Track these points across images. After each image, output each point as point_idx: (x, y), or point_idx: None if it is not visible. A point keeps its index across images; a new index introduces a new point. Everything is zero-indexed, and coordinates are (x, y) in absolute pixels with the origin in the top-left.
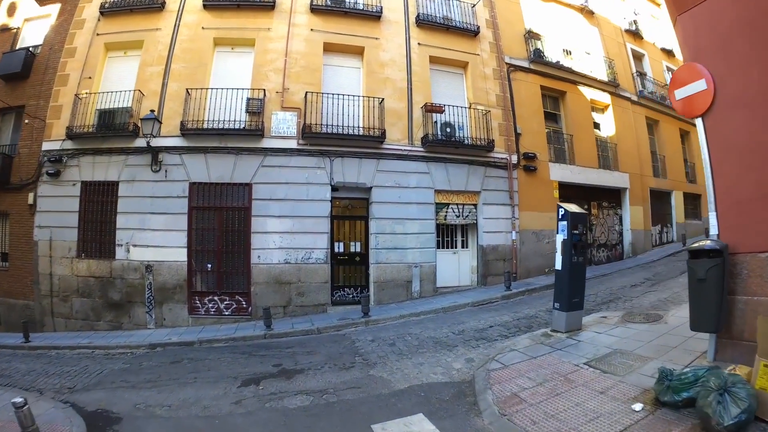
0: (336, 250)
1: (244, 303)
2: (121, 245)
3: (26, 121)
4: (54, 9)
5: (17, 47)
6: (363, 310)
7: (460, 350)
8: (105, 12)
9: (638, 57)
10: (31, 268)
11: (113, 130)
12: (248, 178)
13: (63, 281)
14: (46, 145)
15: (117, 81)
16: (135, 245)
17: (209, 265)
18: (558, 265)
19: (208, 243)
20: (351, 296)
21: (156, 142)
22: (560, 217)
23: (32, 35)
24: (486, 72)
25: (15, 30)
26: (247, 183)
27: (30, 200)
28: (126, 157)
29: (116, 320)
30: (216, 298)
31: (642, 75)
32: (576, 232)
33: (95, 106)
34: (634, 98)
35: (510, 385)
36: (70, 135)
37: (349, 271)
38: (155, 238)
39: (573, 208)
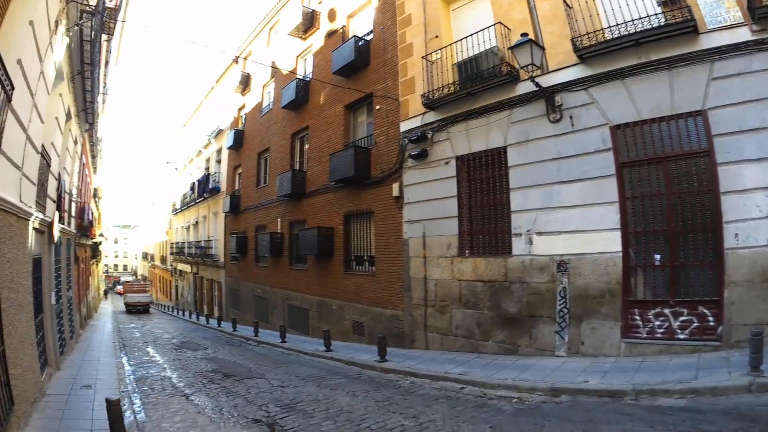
0: None
1: (709, 318)
2: (520, 234)
3: (377, 107)
4: None
5: None
6: None
7: None
8: None
9: None
10: (400, 272)
11: (481, 80)
12: (697, 103)
13: (440, 287)
14: (404, 126)
15: (469, 29)
16: (540, 233)
17: (657, 257)
18: None
19: (652, 219)
20: None
21: (545, 81)
22: None
23: (359, 27)
24: None
25: (341, 30)
26: (698, 111)
27: (395, 192)
28: (509, 113)
29: (510, 341)
30: (666, 310)
31: None
32: None
33: (452, 61)
34: None
35: None
36: (429, 104)
37: None
38: (569, 220)
39: None
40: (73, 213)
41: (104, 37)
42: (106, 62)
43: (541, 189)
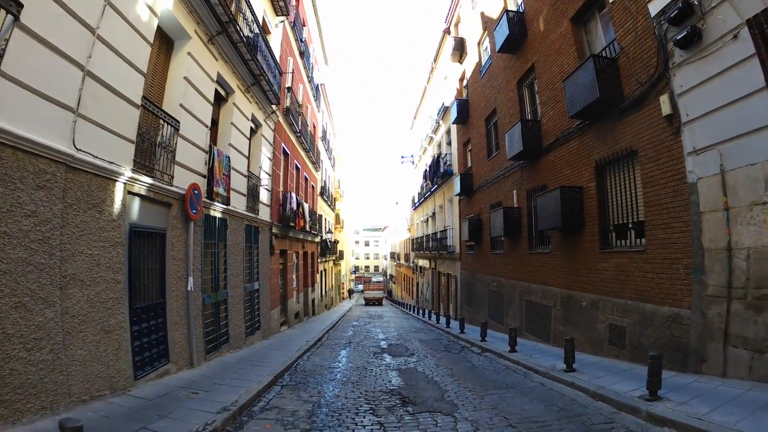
0: None
1: None
2: None
3: (610, 1)
4: None
5: None
6: None
7: None
8: None
9: None
10: (685, 242)
11: None
12: None
13: (755, 262)
14: (654, 6)
15: None
16: None
17: None
18: None
19: None
20: None
21: None
22: None
23: None
24: None
25: None
26: None
27: (664, 108)
28: None
29: None
30: None
31: None
32: None
33: None
34: None
35: None
36: None
37: None
38: None
39: None
40: (263, 200)
41: (280, 18)
42: (301, 53)
43: None
